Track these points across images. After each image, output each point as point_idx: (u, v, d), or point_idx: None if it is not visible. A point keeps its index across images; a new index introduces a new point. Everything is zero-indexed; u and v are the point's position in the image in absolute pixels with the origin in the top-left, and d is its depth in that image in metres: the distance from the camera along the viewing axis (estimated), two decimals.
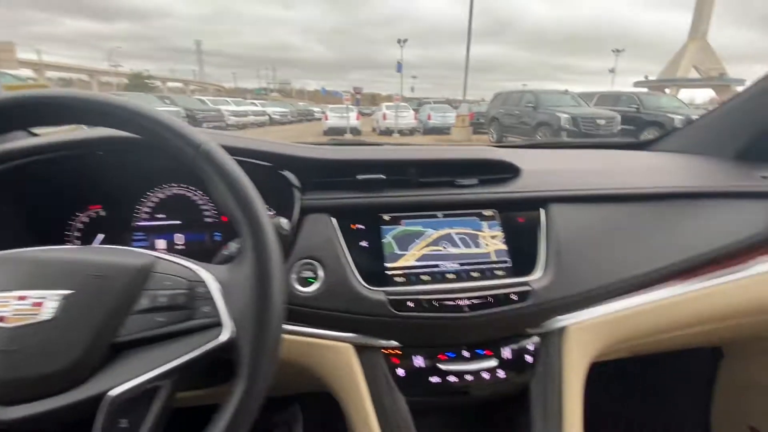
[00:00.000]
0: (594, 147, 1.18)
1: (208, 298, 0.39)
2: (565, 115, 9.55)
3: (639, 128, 10.03)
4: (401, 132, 15.00)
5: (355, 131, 14.62)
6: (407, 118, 15.41)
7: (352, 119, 14.73)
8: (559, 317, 0.63)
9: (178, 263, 0.41)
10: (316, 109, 32.75)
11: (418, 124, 15.67)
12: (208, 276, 0.40)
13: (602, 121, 9.59)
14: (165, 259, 0.41)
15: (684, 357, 1.21)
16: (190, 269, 0.41)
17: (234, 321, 0.38)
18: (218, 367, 0.40)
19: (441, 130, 14.44)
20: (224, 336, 0.38)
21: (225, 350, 0.38)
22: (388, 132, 14.95)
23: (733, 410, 1.15)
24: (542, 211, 0.69)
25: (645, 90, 18.65)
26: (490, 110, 12.81)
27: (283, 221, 0.52)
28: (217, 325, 0.38)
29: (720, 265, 0.74)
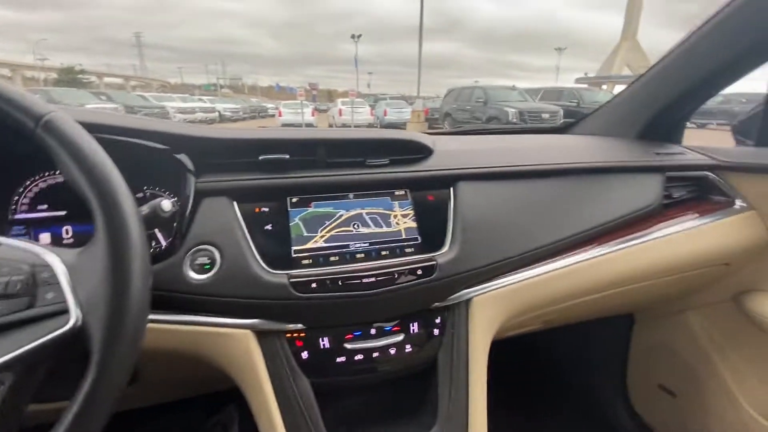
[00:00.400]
0: (517, 132, 1.24)
1: (54, 283, 0.35)
2: (513, 110, 9.99)
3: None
4: (358, 128, 14.93)
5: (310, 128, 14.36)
6: (363, 113, 15.37)
7: (307, 115, 14.46)
8: (466, 290, 0.65)
9: (20, 247, 0.37)
10: (269, 105, 31.75)
11: (375, 119, 15.70)
12: (54, 259, 0.37)
13: (546, 115, 10.14)
14: (4, 245, 0.37)
15: (600, 326, 1.30)
16: (34, 253, 0.37)
17: (82, 307, 0.35)
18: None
19: (397, 126, 14.55)
20: (71, 323, 0.34)
21: (75, 339, 0.35)
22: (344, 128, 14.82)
23: (644, 372, 1.26)
24: (452, 189, 0.71)
25: (585, 86, 19.93)
26: (444, 106, 13.10)
27: (164, 202, 0.48)
28: (64, 312, 0.35)
29: (618, 235, 0.80)
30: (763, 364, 0.99)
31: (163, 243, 0.58)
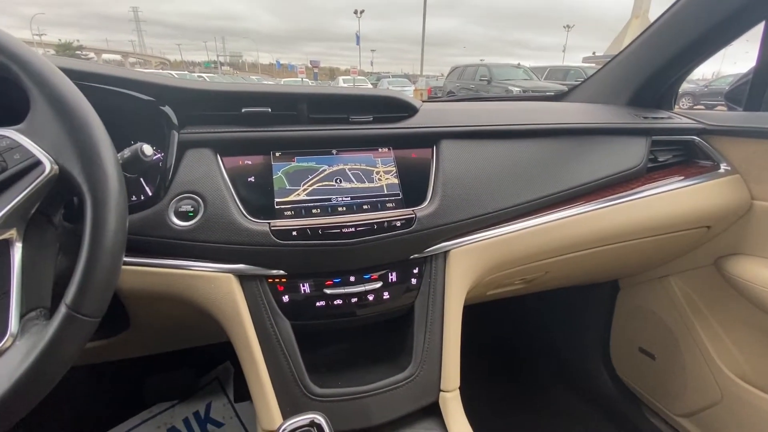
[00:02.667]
0: (513, 100, 1.23)
1: (15, 146, 0.38)
2: (517, 89, 9.80)
3: None
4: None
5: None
6: None
7: None
8: (444, 243, 0.67)
9: None
10: (270, 82, 31.27)
11: None
12: (4, 131, 0.39)
13: (551, 94, 9.94)
14: None
15: (587, 294, 1.33)
16: None
17: (51, 154, 0.38)
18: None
19: None
20: (47, 169, 0.37)
21: (61, 184, 0.38)
22: None
23: (626, 336, 1.30)
24: (434, 147, 0.71)
25: (593, 65, 19.50)
26: (447, 84, 12.87)
27: (146, 147, 0.50)
28: (37, 164, 0.37)
29: (600, 195, 0.81)
30: (739, 326, 1.02)
31: (149, 192, 0.60)
